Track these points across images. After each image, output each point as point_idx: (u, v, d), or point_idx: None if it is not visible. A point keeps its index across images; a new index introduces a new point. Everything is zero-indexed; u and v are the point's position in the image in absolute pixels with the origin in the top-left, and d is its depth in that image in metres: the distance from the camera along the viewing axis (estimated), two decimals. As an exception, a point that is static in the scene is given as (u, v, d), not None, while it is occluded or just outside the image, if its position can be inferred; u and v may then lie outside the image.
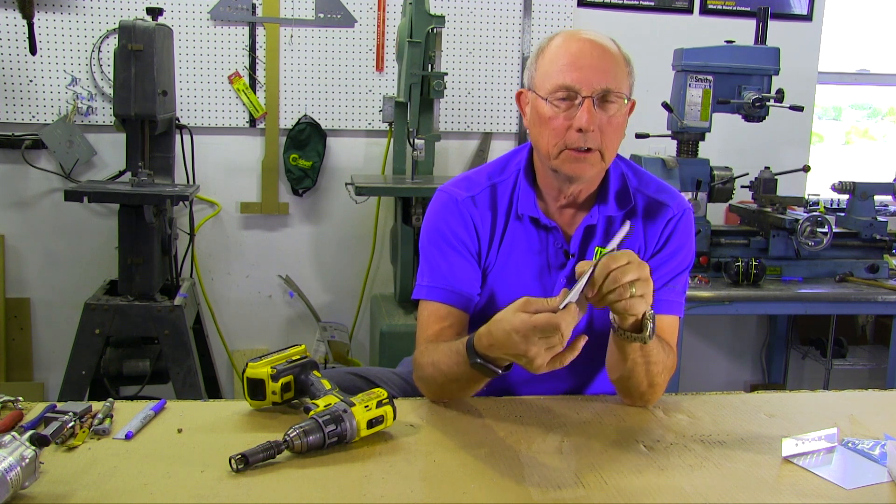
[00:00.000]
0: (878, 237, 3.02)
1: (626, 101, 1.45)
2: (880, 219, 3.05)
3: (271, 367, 1.36)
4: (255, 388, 1.36)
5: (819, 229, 2.88)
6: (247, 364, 1.37)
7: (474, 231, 1.55)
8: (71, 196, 2.60)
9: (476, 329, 1.39)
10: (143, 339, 2.78)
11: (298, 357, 1.40)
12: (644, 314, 1.32)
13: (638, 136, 2.96)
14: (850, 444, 1.32)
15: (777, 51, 2.94)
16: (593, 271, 1.23)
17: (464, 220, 1.55)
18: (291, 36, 3.30)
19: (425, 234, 1.60)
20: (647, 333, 1.34)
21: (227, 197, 3.37)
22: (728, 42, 2.97)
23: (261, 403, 1.37)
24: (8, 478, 1.01)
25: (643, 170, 1.63)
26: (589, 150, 1.44)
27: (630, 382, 1.45)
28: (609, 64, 1.43)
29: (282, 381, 1.35)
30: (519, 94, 1.56)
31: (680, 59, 2.95)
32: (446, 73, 2.96)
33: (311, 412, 1.26)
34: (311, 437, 1.21)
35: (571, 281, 1.55)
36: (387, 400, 1.29)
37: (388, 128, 3.32)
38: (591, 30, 1.50)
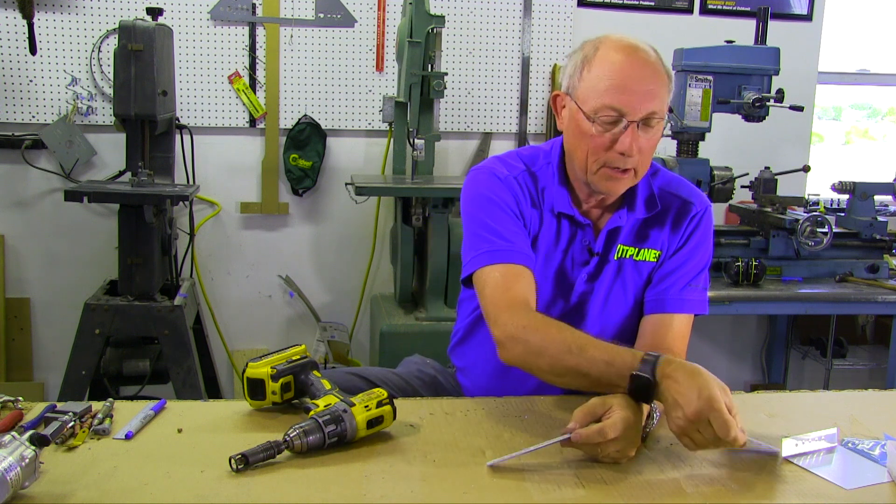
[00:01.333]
0: (878, 237, 3.02)
1: (662, 122, 1.45)
2: (880, 219, 3.05)
3: (271, 367, 1.36)
4: (255, 388, 1.36)
5: (819, 229, 2.88)
6: (247, 364, 1.37)
7: (517, 204, 1.53)
8: (71, 196, 2.60)
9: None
10: (143, 339, 2.78)
11: (298, 357, 1.40)
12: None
13: (638, 135, 2.96)
14: (850, 444, 1.32)
15: (777, 51, 2.94)
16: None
17: (512, 190, 1.53)
18: (291, 36, 3.30)
19: (472, 204, 1.54)
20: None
21: (227, 197, 3.37)
22: (728, 42, 2.97)
23: (261, 403, 1.37)
24: (8, 478, 1.01)
25: (664, 168, 1.65)
26: (626, 169, 1.46)
27: None
28: (656, 86, 1.42)
29: (282, 381, 1.35)
30: (555, 97, 1.53)
31: (680, 59, 2.95)
32: (446, 73, 2.96)
33: (311, 412, 1.26)
34: (311, 437, 1.21)
35: (593, 279, 1.56)
36: (387, 400, 1.29)
37: (388, 128, 3.31)
38: (635, 39, 1.46)
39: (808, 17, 3.65)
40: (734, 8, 3.58)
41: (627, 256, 1.57)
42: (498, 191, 1.52)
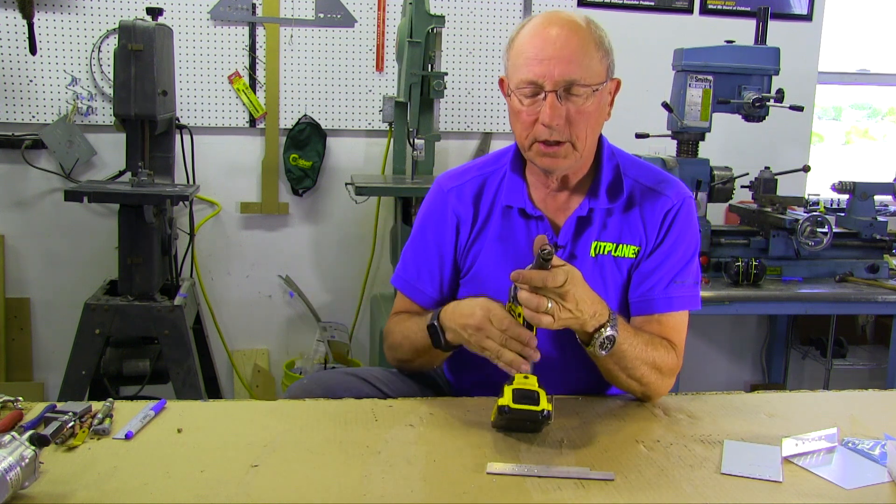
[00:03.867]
0: (878, 237, 3.02)
1: (593, 91, 1.42)
2: (880, 219, 3.04)
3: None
4: (531, 397, 1.29)
5: (819, 229, 2.88)
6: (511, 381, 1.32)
7: (455, 222, 1.58)
8: (71, 196, 2.60)
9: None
10: (143, 339, 2.78)
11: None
12: (596, 331, 1.35)
13: (638, 136, 2.96)
14: (850, 444, 1.32)
15: (777, 51, 2.94)
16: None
17: (444, 212, 1.59)
18: (291, 36, 3.30)
19: (415, 223, 1.67)
20: (593, 349, 1.37)
21: (227, 197, 3.37)
22: (728, 42, 2.96)
23: (532, 408, 1.28)
24: (8, 478, 1.01)
25: (642, 161, 1.61)
26: (558, 143, 1.43)
27: (618, 384, 1.48)
28: (573, 53, 1.40)
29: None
30: (501, 82, 1.53)
31: (680, 59, 2.95)
32: (446, 73, 2.96)
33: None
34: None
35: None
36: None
37: (388, 128, 3.31)
38: (562, 12, 1.47)
39: (808, 17, 3.65)
40: (734, 8, 3.58)
41: (606, 253, 1.52)
42: (431, 215, 1.61)
